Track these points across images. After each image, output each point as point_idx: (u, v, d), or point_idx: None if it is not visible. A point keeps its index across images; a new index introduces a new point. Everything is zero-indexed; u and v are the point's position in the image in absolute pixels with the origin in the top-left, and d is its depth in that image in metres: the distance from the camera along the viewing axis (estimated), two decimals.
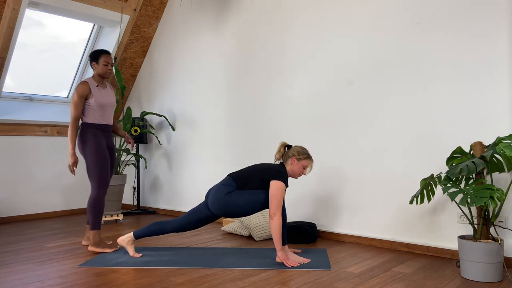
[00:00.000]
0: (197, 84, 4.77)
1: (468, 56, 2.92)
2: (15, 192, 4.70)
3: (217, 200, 2.86)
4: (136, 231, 3.04)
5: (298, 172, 2.97)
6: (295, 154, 2.96)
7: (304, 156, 2.96)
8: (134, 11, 4.94)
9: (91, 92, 3.21)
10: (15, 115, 4.67)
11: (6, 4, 4.03)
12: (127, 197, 5.59)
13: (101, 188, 3.21)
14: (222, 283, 2.44)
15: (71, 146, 3.15)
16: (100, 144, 3.23)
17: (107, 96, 3.33)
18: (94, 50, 3.30)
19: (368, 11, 3.42)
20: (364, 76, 3.44)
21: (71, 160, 3.14)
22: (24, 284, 2.44)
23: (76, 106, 3.17)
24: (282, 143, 3.04)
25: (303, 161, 2.96)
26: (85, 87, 3.19)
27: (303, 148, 3.01)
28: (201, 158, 4.70)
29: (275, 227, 2.75)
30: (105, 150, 3.26)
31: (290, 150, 2.99)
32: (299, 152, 2.97)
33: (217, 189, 2.90)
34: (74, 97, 3.19)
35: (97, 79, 3.30)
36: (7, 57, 4.30)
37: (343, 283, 2.42)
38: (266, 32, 4.11)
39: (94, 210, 3.19)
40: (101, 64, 3.27)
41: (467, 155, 2.65)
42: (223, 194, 2.86)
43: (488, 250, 2.42)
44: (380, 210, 3.32)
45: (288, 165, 2.98)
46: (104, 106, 3.29)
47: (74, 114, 3.18)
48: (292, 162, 2.96)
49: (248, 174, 2.93)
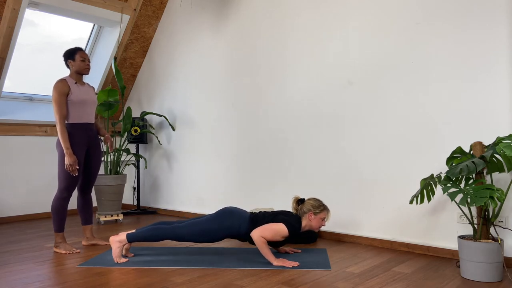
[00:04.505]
0: (197, 84, 4.77)
1: (468, 56, 2.92)
2: (15, 192, 4.70)
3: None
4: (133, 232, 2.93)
5: (318, 226, 2.90)
6: (311, 209, 2.88)
7: (321, 209, 2.89)
8: (134, 11, 4.94)
9: (70, 89, 3.15)
10: (15, 115, 4.67)
11: (6, 4, 4.03)
12: (127, 197, 5.59)
13: (64, 192, 3.16)
14: (222, 283, 2.44)
15: (66, 145, 3.08)
16: (76, 147, 3.15)
17: (87, 92, 3.26)
18: (68, 49, 3.24)
19: (368, 11, 3.42)
20: (364, 76, 3.43)
21: (71, 160, 3.08)
22: (24, 284, 2.44)
23: (59, 105, 3.10)
24: (294, 198, 2.99)
25: (319, 215, 2.89)
26: (64, 84, 3.14)
27: (316, 200, 2.93)
28: (201, 158, 4.70)
29: (258, 244, 2.75)
30: (81, 155, 3.18)
31: (305, 205, 2.91)
32: (314, 206, 2.89)
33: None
34: (54, 96, 3.10)
35: (74, 77, 3.23)
36: (7, 57, 4.30)
37: (343, 283, 2.42)
38: (266, 32, 4.11)
39: (53, 212, 3.18)
40: (78, 61, 3.20)
41: (467, 155, 2.65)
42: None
43: (488, 250, 2.42)
44: (380, 210, 3.32)
45: (305, 220, 2.90)
46: (84, 102, 3.21)
47: (59, 113, 3.10)
48: (310, 217, 2.89)
49: (263, 215, 2.93)
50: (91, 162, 3.33)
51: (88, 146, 3.29)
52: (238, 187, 4.31)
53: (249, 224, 2.88)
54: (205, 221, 2.90)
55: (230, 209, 2.96)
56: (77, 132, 3.19)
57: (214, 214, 2.94)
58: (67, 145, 3.08)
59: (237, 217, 2.90)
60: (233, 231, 2.88)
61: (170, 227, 2.91)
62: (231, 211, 2.94)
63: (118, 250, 2.88)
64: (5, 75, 4.38)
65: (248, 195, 4.22)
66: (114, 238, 2.91)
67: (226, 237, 2.91)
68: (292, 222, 2.83)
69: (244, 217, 2.91)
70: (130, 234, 2.90)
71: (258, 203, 4.14)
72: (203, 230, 2.87)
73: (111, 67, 5.15)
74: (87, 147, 3.27)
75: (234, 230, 2.88)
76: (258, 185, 4.14)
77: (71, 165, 3.08)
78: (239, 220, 2.89)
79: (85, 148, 3.24)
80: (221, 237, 2.90)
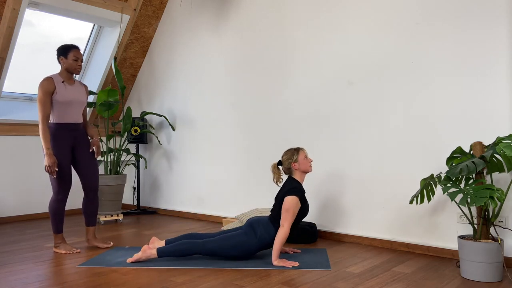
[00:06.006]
0: (197, 84, 4.77)
1: (468, 56, 2.92)
2: (15, 192, 4.70)
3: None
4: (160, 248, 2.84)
5: (307, 166, 2.94)
6: (291, 160, 2.93)
7: (295, 154, 2.94)
8: (134, 11, 4.94)
9: (55, 89, 3.06)
10: (15, 115, 4.67)
11: (6, 4, 4.03)
12: (127, 197, 5.59)
13: (58, 195, 3.12)
14: (222, 283, 2.44)
15: (47, 146, 2.98)
16: (60, 148, 3.08)
17: (74, 92, 3.15)
18: (63, 45, 3.15)
19: (368, 11, 3.42)
20: (364, 76, 3.43)
21: (51, 161, 2.96)
22: (24, 284, 2.44)
23: (43, 104, 3.01)
24: (272, 165, 3.00)
25: (299, 157, 2.93)
26: (49, 82, 3.04)
27: (286, 151, 2.98)
28: (201, 158, 4.70)
29: (278, 236, 2.76)
30: (65, 155, 3.10)
31: (284, 162, 2.96)
32: (289, 156, 2.94)
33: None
34: (39, 94, 3.01)
35: (64, 75, 3.14)
36: (7, 57, 4.30)
37: (343, 283, 2.42)
38: (266, 32, 4.11)
39: (51, 213, 3.17)
40: (70, 59, 3.11)
41: (467, 155, 2.65)
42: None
43: (488, 250, 2.42)
44: (380, 210, 3.32)
45: (295, 173, 2.94)
46: (69, 103, 3.11)
47: (42, 113, 3.01)
48: (295, 167, 2.93)
49: (275, 209, 2.91)
50: (81, 162, 3.21)
51: (73, 146, 3.19)
52: (238, 187, 4.31)
53: (273, 227, 2.87)
54: (239, 234, 2.85)
55: (255, 218, 2.94)
56: (60, 133, 3.11)
57: (245, 226, 2.91)
58: (47, 146, 2.99)
59: (264, 224, 2.87)
60: (266, 237, 2.85)
61: (200, 241, 2.85)
62: (258, 219, 2.92)
63: (142, 258, 2.85)
64: (5, 75, 4.38)
65: (248, 195, 4.22)
66: (146, 249, 2.86)
67: (261, 249, 2.88)
68: (291, 187, 2.85)
69: (267, 221, 2.90)
70: (160, 249, 2.83)
71: (258, 203, 4.14)
72: (239, 242, 2.82)
73: (111, 67, 5.15)
74: (71, 147, 3.18)
75: (267, 237, 2.85)
76: (258, 185, 4.14)
77: (50, 166, 2.97)
78: (267, 227, 2.87)
79: (69, 148, 3.14)
80: (257, 249, 2.86)
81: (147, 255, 2.84)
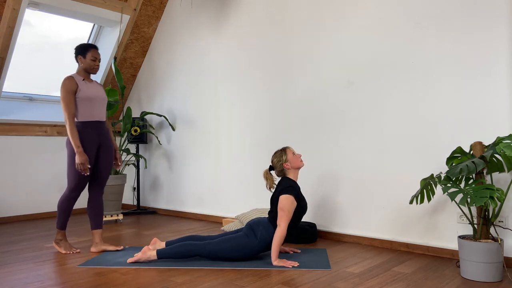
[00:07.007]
0: (197, 84, 4.77)
1: (468, 56, 2.92)
2: (15, 192, 4.70)
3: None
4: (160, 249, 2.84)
5: (298, 163, 2.97)
6: (281, 161, 2.96)
7: (283, 154, 2.97)
8: (134, 11, 4.94)
9: (78, 86, 3.07)
10: (15, 115, 4.67)
11: (6, 4, 4.03)
12: (127, 197, 5.59)
13: (72, 192, 3.11)
14: (222, 283, 2.44)
15: (77, 144, 2.97)
16: (86, 146, 3.07)
17: (95, 89, 3.17)
18: (82, 44, 3.16)
19: (368, 11, 3.42)
20: (364, 76, 3.43)
21: (83, 158, 2.96)
22: (24, 284, 2.44)
23: (67, 103, 3.02)
24: (264, 172, 3.02)
25: (288, 157, 2.96)
26: (71, 81, 3.05)
27: (273, 155, 3.02)
28: (201, 158, 4.70)
29: (276, 236, 2.76)
30: (91, 152, 3.09)
31: (275, 165, 2.99)
32: (278, 158, 2.97)
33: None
34: (62, 94, 3.03)
35: (82, 74, 3.15)
36: (7, 57, 4.30)
37: (343, 283, 2.42)
38: (266, 32, 4.11)
39: (59, 209, 3.16)
40: (88, 59, 3.12)
41: (467, 155, 2.65)
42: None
43: (488, 250, 2.42)
44: (380, 210, 3.32)
45: (289, 172, 2.97)
46: (93, 100, 3.12)
47: (67, 111, 3.02)
48: (287, 166, 2.96)
49: (273, 209, 2.92)
50: (101, 161, 3.19)
51: (99, 145, 3.16)
52: (238, 187, 4.31)
53: (273, 227, 2.86)
54: (240, 236, 2.85)
55: (255, 220, 2.93)
56: (87, 131, 3.10)
57: (245, 228, 2.90)
58: (77, 144, 2.98)
59: (264, 225, 2.87)
60: (267, 238, 2.84)
61: (201, 244, 2.83)
62: (258, 221, 2.91)
63: (142, 259, 2.83)
64: (5, 75, 4.38)
65: (249, 195, 4.22)
66: (146, 250, 2.86)
67: (263, 250, 2.87)
68: (285, 186, 2.86)
69: (267, 222, 2.89)
70: (160, 251, 2.82)
71: (258, 203, 4.14)
72: (240, 244, 2.81)
73: (111, 67, 5.15)
74: (97, 146, 3.16)
75: (268, 238, 2.84)
76: (258, 185, 4.14)
77: (82, 164, 2.96)
78: (268, 228, 2.87)
79: (96, 147, 3.13)
80: (258, 250, 2.85)
81: (147, 256, 2.83)
